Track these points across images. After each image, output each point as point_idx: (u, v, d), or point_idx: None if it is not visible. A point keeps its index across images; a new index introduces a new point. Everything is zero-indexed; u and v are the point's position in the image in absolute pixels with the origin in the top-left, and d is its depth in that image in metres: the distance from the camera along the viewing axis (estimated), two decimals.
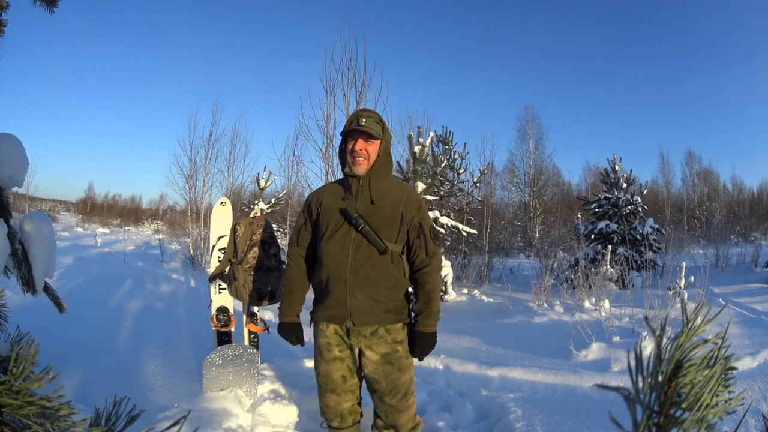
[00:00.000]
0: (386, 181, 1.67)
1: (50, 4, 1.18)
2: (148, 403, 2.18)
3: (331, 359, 1.64)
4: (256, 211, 2.68)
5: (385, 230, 1.57)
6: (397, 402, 1.61)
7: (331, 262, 1.58)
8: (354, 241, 1.56)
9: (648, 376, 0.32)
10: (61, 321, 2.61)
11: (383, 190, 1.63)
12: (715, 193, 22.41)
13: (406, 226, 1.61)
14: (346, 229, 1.58)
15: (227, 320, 2.83)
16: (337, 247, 1.57)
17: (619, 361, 3.17)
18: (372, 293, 1.56)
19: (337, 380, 1.64)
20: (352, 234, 1.57)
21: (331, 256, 1.58)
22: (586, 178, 24.81)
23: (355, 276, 1.55)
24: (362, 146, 1.60)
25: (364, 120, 1.59)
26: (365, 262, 1.55)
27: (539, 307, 5.39)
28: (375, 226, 1.57)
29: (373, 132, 1.59)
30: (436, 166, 6.42)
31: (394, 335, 1.60)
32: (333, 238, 1.59)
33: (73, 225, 27.74)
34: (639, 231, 8.16)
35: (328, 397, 1.66)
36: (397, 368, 1.60)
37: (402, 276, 1.61)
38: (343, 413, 1.67)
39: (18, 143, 0.97)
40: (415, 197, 1.66)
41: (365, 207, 1.59)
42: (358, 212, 1.58)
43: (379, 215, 1.58)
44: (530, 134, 19.00)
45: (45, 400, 0.53)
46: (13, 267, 0.94)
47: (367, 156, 1.61)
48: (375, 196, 1.61)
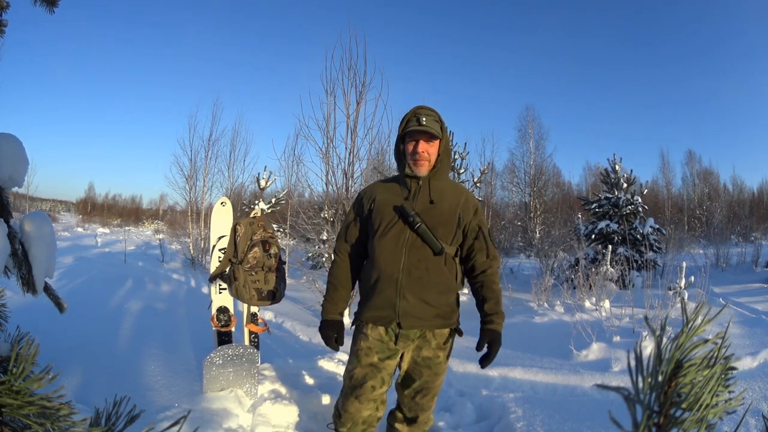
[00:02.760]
0: (445, 181, 1.63)
1: (50, 4, 1.18)
2: (148, 403, 2.18)
3: (367, 365, 1.57)
4: (257, 211, 2.68)
5: (441, 230, 1.52)
6: (424, 402, 1.63)
7: (383, 260, 1.52)
8: (408, 240, 1.51)
9: (648, 376, 0.32)
10: (62, 321, 2.61)
11: (442, 190, 1.58)
12: (715, 193, 22.38)
13: (462, 228, 1.57)
14: (400, 228, 1.52)
15: (227, 320, 2.83)
16: (391, 246, 1.52)
17: (620, 361, 3.17)
18: (423, 296, 1.51)
19: (366, 389, 1.56)
20: (406, 233, 1.51)
21: (384, 254, 1.52)
22: (586, 178, 24.80)
23: (408, 277, 1.49)
24: (424, 147, 1.54)
25: (425, 119, 1.51)
26: (419, 262, 1.50)
27: (540, 307, 5.39)
28: (432, 225, 1.51)
29: (434, 131, 1.52)
30: None
31: (438, 340, 1.59)
32: (386, 236, 1.53)
33: (73, 225, 27.75)
34: (639, 231, 8.15)
35: (349, 403, 1.60)
36: (434, 372, 1.60)
37: (454, 280, 1.57)
38: (356, 421, 1.61)
39: (18, 143, 0.97)
40: (473, 200, 1.63)
41: (423, 206, 1.54)
42: (415, 210, 1.52)
43: (437, 215, 1.53)
44: (531, 134, 18.98)
45: (45, 400, 0.53)
46: (13, 267, 0.94)
47: (428, 157, 1.55)
48: (434, 195, 1.56)
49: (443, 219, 1.53)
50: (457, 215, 1.55)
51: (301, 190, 11.86)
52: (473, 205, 1.61)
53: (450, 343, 1.63)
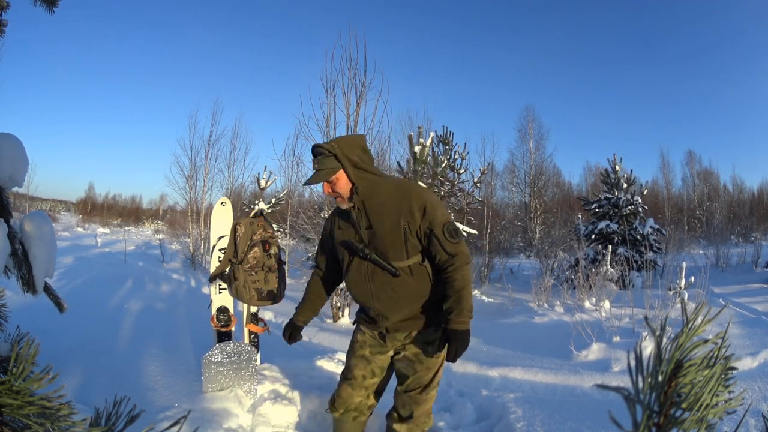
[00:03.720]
0: (381, 194, 1.56)
1: (50, 4, 1.18)
2: (148, 403, 2.18)
3: (359, 356, 1.73)
4: (257, 211, 2.68)
5: (391, 252, 1.54)
6: (417, 395, 1.67)
7: (355, 292, 1.66)
8: (369, 269, 1.58)
9: (648, 376, 0.32)
10: (62, 321, 2.61)
11: (380, 207, 1.55)
12: (715, 193, 22.37)
13: (414, 238, 1.54)
14: (358, 260, 1.60)
15: (227, 320, 2.83)
16: (356, 278, 1.62)
17: (620, 361, 3.17)
18: (400, 310, 1.60)
19: (357, 376, 1.72)
20: (365, 263, 1.58)
21: (354, 287, 1.65)
22: (586, 179, 24.78)
23: (380, 301, 1.59)
24: (328, 189, 1.58)
25: (317, 163, 1.55)
26: (385, 285, 1.57)
27: (539, 307, 5.39)
28: (380, 250, 1.54)
29: (325, 175, 1.53)
30: (437, 166, 6.42)
31: (425, 336, 1.65)
32: (350, 270, 1.63)
33: (73, 225, 27.76)
34: (639, 231, 8.16)
35: (343, 388, 1.75)
36: (425, 366, 1.65)
37: (427, 285, 1.60)
38: (349, 406, 1.74)
39: (18, 143, 0.97)
40: (418, 201, 1.54)
41: (366, 233, 1.57)
42: (363, 241, 1.57)
43: (381, 238, 1.54)
44: (531, 134, 18.98)
45: (45, 400, 0.53)
46: (13, 267, 0.94)
47: (340, 191, 1.56)
48: (373, 218, 1.55)
49: (388, 240, 1.53)
50: (401, 230, 1.52)
51: (301, 190, 11.86)
52: (419, 207, 1.53)
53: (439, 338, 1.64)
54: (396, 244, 1.53)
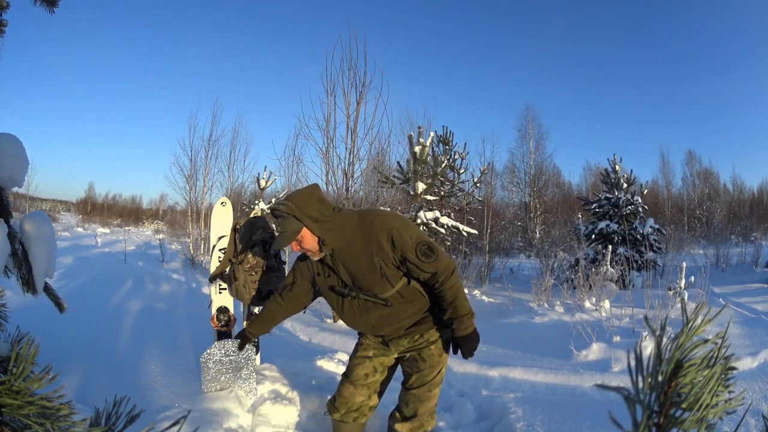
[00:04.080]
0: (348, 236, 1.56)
1: (50, 4, 1.18)
2: (148, 403, 2.18)
3: (362, 356, 1.78)
4: (257, 211, 2.68)
5: (376, 288, 1.59)
6: (421, 393, 1.70)
7: (356, 326, 1.74)
8: (361, 306, 1.64)
9: (648, 376, 0.32)
10: (62, 321, 2.61)
11: (351, 249, 1.56)
12: (715, 193, 22.38)
13: (392, 268, 1.56)
14: (348, 300, 1.65)
15: (227, 320, 2.83)
16: (352, 317, 1.68)
17: (620, 361, 3.17)
18: (399, 328, 1.67)
19: (359, 375, 1.76)
20: (356, 301, 1.64)
21: (354, 324, 1.72)
22: (586, 178, 24.79)
23: (380, 328, 1.67)
24: (296, 247, 1.60)
25: (279, 226, 1.56)
26: (381, 316, 1.64)
27: (540, 307, 5.39)
28: (365, 289, 1.60)
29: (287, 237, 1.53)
30: (437, 166, 6.42)
31: (428, 337, 1.70)
32: (344, 311, 1.69)
33: (73, 225, 27.75)
34: (639, 231, 8.15)
35: (345, 387, 1.77)
36: (428, 365, 1.69)
37: (421, 299, 1.66)
38: (350, 407, 1.75)
39: (18, 143, 0.97)
40: (383, 232, 1.53)
41: (347, 277, 1.62)
42: (347, 285, 1.63)
43: (362, 278, 1.59)
44: (531, 134, 18.98)
45: (45, 400, 0.53)
46: (13, 267, 0.94)
47: (308, 246, 1.57)
48: (347, 263, 1.59)
49: (369, 278, 1.58)
50: (377, 266, 1.55)
51: None
52: (387, 239, 1.52)
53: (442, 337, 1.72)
54: (377, 280, 1.58)
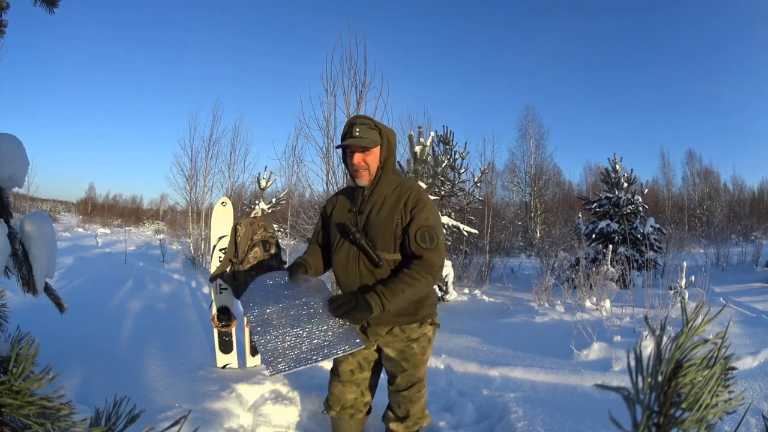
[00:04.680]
0: (389, 186, 1.61)
1: (50, 4, 1.18)
2: (148, 403, 2.18)
3: None
4: (257, 211, 2.68)
5: (380, 242, 1.54)
6: (411, 394, 1.69)
7: (339, 274, 1.65)
8: (356, 254, 1.57)
9: (648, 376, 0.32)
10: (62, 321, 2.61)
11: (384, 198, 1.59)
12: (715, 192, 22.39)
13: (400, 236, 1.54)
14: (348, 243, 1.59)
15: (228, 320, 2.83)
16: (343, 261, 1.61)
17: (620, 360, 3.17)
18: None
19: (345, 371, 1.73)
20: (353, 247, 1.58)
21: (339, 269, 1.64)
22: (586, 178, 24.82)
23: (361, 288, 1.56)
24: (360, 159, 1.56)
25: (358, 130, 1.55)
26: (368, 274, 1.56)
27: (540, 306, 5.39)
28: (371, 237, 1.55)
29: (367, 142, 1.54)
30: (437, 166, 6.43)
31: (408, 333, 1.64)
32: (339, 252, 1.63)
33: (73, 225, 27.77)
34: (640, 230, 8.15)
35: (334, 385, 1.76)
36: (412, 364, 1.66)
37: None
38: (344, 404, 1.74)
39: (18, 143, 0.97)
40: (413, 197, 1.57)
41: (365, 218, 1.59)
42: (357, 226, 1.58)
43: (375, 226, 1.56)
44: (531, 134, 18.99)
45: (45, 400, 0.53)
46: (13, 267, 0.95)
47: (367, 167, 1.57)
48: (373, 206, 1.58)
49: (381, 230, 1.55)
50: (394, 223, 1.54)
51: (301, 190, 11.87)
52: (413, 203, 1.55)
53: (424, 335, 1.66)
54: (386, 236, 1.55)
